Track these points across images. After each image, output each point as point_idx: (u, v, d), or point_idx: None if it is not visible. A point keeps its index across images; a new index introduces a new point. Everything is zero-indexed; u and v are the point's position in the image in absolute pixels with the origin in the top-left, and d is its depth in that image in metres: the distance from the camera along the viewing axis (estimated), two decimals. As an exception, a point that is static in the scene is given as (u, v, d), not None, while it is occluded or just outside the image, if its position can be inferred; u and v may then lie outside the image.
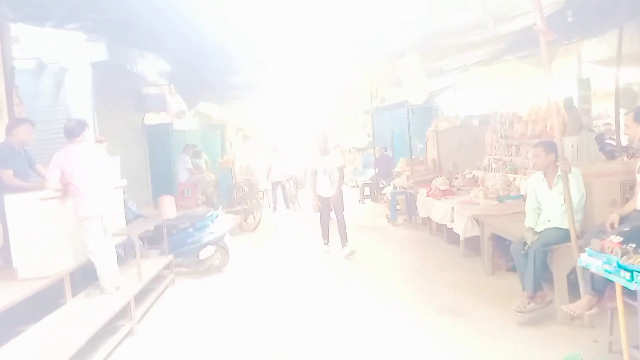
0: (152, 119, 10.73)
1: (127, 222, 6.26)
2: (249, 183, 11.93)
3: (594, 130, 9.12)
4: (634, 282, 2.54)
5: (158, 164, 10.33)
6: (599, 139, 8.27)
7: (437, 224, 7.55)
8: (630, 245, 2.65)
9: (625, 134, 3.55)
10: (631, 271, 2.55)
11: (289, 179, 13.09)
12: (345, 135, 20.33)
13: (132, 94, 9.80)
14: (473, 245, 6.21)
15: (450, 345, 3.90)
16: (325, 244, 7.42)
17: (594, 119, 11.04)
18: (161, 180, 10.17)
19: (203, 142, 13.00)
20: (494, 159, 7.53)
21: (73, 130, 4.77)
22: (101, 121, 7.60)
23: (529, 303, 4.10)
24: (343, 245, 7.19)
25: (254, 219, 10.40)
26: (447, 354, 3.76)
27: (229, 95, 12.05)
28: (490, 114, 9.51)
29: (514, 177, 6.58)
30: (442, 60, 10.01)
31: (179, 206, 8.63)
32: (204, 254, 6.78)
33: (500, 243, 5.54)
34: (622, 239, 2.72)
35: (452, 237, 6.90)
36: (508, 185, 6.23)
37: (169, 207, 7.80)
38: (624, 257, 2.62)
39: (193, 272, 6.77)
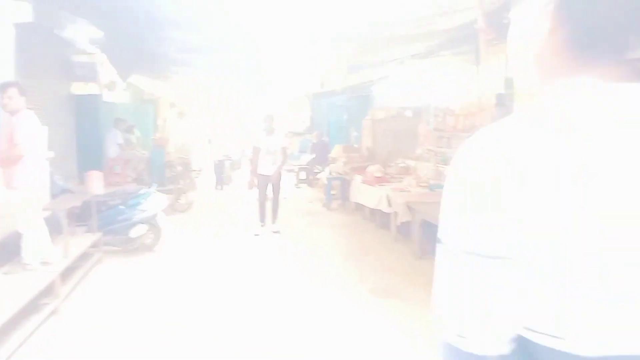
0: (80, 89, 10.10)
1: (53, 196, 5.92)
2: (183, 162, 11.63)
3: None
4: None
5: (85, 137, 9.79)
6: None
7: (369, 210, 7.83)
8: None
9: None
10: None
11: (225, 159, 12.93)
12: (283, 120, 20.29)
13: (60, 61, 9.18)
14: (403, 230, 6.52)
15: (382, 325, 4.11)
16: (261, 225, 7.50)
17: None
18: (88, 155, 9.65)
19: (134, 116, 12.46)
20: (427, 149, 7.90)
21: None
22: (26, 88, 7.07)
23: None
24: (274, 221, 7.53)
25: (186, 199, 10.19)
26: (379, 333, 3.96)
27: (164, 69, 11.60)
28: (423, 106, 9.93)
29: (444, 167, 6.96)
30: (380, 51, 10.27)
31: (107, 182, 8.25)
32: (135, 232, 6.57)
33: (430, 229, 5.86)
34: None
35: (383, 222, 7.20)
36: (439, 175, 6.58)
37: (96, 183, 7.43)
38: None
39: (122, 251, 6.55)
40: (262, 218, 7.50)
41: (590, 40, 0.68)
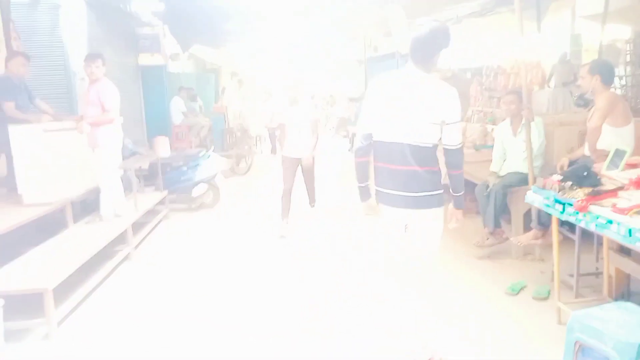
0: (146, 60, 10.81)
1: (124, 158, 6.59)
2: (242, 128, 12.18)
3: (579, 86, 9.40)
4: (564, 214, 2.94)
5: (152, 105, 10.53)
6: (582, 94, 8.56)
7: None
8: (567, 183, 3.03)
9: (579, 84, 3.85)
10: (563, 204, 2.95)
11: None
12: (340, 84, 20.37)
13: (126, 34, 9.85)
14: (446, 190, 6.61)
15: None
16: (285, 222, 5.82)
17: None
18: (156, 121, 10.40)
19: (197, 85, 13.11)
20: (477, 110, 7.83)
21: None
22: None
23: (487, 239, 4.56)
24: (311, 205, 6.14)
25: (246, 163, 10.76)
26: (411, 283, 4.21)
27: (223, 39, 12.04)
28: (479, 67, 9.71)
29: (493, 128, 6.90)
30: (435, 12, 10.06)
31: (172, 148, 8.95)
32: (196, 191, 7.18)
33: (473, 188, 5.94)
34: (561, 177, 3.09)
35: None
36: (485, 135, 6.57)
37: (163, 147, 8.12)
38: (560, 192, 3.01)
39: (186, 208, 7.19)
40: (286, 213, 5.81)
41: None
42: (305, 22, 9.80)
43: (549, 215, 3.53)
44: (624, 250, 3.19)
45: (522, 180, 4.39)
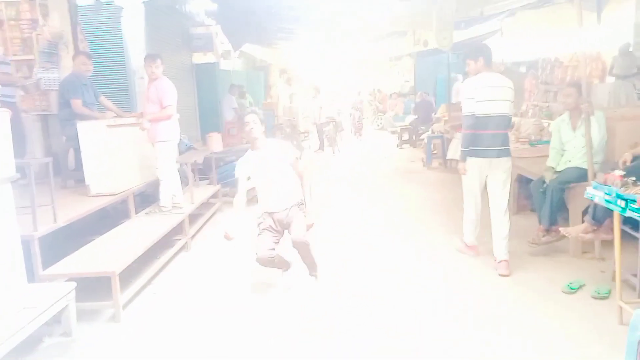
0: (199, 58, 11.18)
1: (180, 153, 6.88)
2: (291, 124, 12.36)
3: None
4: (627, 210, 2.84)
5: (205, 102, 10.88)
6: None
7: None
8: (630, 178, 2.91)
9: None
10: (626, 200, 2.84)
11: (329, 121, 13.45)
12: (386, 80, 20.22)
13: (181, 34, 10.22)
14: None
15: (466, 272, 4.32)
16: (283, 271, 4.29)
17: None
18: (208, 118, 10.76)
19: (247, 83, 13.42)
20: (532, 104, 7.59)
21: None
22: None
23: (543, 236, 4.43)
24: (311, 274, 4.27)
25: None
26: (463, 281, 4.18)
27: (273, 37, 12.28)
28: (535, 60, 9.39)
29: (548, 123, 6.68)
30: (488, 3, 9.82)
31: (225, 144, 9.21)
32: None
33: (528, 184, 5.79)
34: (624, 172, 2.98)
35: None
36: (541, 130, 6.36)
37: (216, 143, 8.38)
38: (623, 188, 2.90)
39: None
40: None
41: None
42: (355, 20, 9.82)
43: (605, 211, 3.41)
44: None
45: (581, 176, 4.24)
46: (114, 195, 4.96)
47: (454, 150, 7.87)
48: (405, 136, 13.59)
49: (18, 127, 5.51)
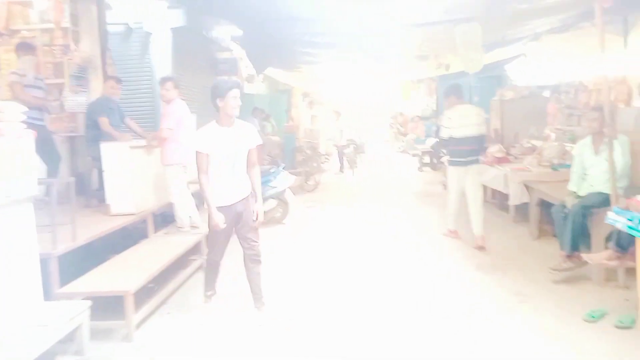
0: (224, 82, 11.38)
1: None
2: (312, 146, 12.43)
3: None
4: (650, 236, 2.74)
5: (229, 125, 11.03)
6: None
7: (491, 191, 7.69)
8: (653, 204, 2.83)
9: None
10: (649, 226, 2.74)
11: (349, 144, 13.49)
12: (408, 104, 20.22)
13: (207, 58, 10.48)
14: (524, 212, 6.34)
15: (480, 297, 4.21)
16: (208, 294, 4.22)
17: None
18: (231, 140, 10.88)
19: (270, 105, 13.61)
20: (555, 128, 7.46)
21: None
22: (180, 82, 8.33)
23: (565, 262, 4.30)
24: (256, 305, 4.00)
25: (315, 180, 10.96)
26: (476, 304, 4.07)
27: (296, 61, 12.47)
28: (560, 84, 9.27)
29: (572, 147, 6.54)
30: (511, 27, 9.76)
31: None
32: (266, 206, 7.40)
33: (549, 210, 5.65)
34: (646, 198, 2.89)
35: (504, 204, 7.04)
36: (564, 154, 6.24)
37: (237, 165, 8.48)
38: (645, 214, 2.81)
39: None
40: (211, 284, 4.27)
41: None
42: (377, 43, 9.90)
43: (630, 238, 3.30)
44: None
45: (604, 202, 4.12)
46: (133, 215, 5.05)
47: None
48: (426, 159, 13.50)
49: (51, 148, 5.74)
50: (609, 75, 4.61)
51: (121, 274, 4.08)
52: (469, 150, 5.64)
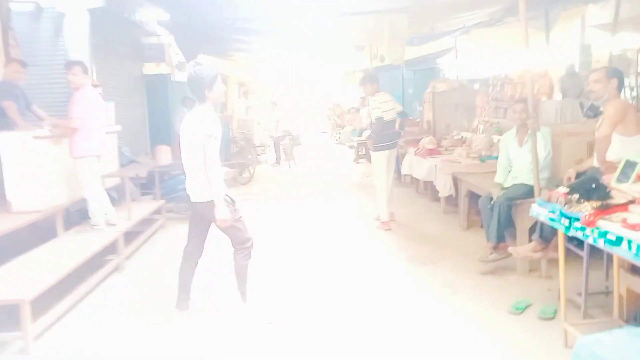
0: (151, 69, 10.77)
1: (121, 166, 6.49)
2: (246, 137, 12.09)
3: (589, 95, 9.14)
4: (571, 228, 2.74)
5: (156, 114, 10.46)
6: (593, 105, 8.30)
7: (423, 183, 7.77)
8: (574, 195, 2.83)
9: (592, 90, 3.62)
10: (570, 218, 2.74)
11: (286, 135, 13.25)
12: (344, 95, 20.28)
13: (131, 43, 9.82)
14: (454, 202, 6.43)
15: (414, 290, 4.17)
16: (182, 301, 3.81)
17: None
18: (159, 130, 10.33)
19: (202, 95, 13.05)
20: (483, 120, 7.64)
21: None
22: (99, 68, 7.70)
23: (491, 253, 4.34)
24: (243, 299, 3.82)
25: (249, 172, 10.64)
26: (410, 297, 4.02)
27: (229, 49, 12.00)
28: (487, 77, 9.52)
29: (499, 139, 6.69)
30: (442, 20, 9.90)
31: (176, 156, 8.81)
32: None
33: (477, 200, 5.74)
34: (568, 189, 2.89)
35: (436, 195, 7.11)
36: (491, 146, 6.37)
37: (164, 156, 8.00)
38: (566, 206, 2.80)
39: (183, 217, 7.02)
40: (185, 294, 3.88)
41: None
42: (312, 32, 9.71)
43: (552, 230, 3.33)
44: (636, 269, 2.96)
45: (528, 193, 4.18)
46: (39, 212, 4.56)
47: (408, 165, 7.82)
48: (362, 151, 13.54)
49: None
50: (532, 69, 4.69)
51: (19, 279, 3.64)
52: (393, 133, 6.16)
